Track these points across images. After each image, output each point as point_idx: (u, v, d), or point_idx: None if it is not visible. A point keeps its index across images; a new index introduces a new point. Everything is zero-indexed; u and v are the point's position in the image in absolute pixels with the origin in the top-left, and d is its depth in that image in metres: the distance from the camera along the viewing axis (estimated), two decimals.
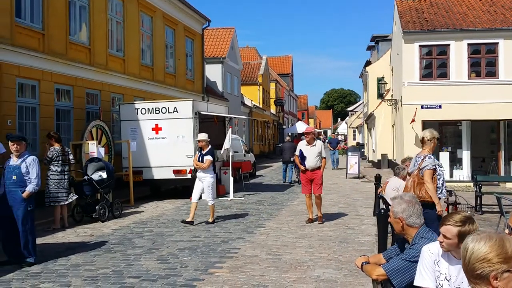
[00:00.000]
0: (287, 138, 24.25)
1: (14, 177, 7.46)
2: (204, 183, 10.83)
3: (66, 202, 10.70)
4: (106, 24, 17.15)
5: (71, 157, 11.06)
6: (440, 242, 3.19)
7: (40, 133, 13.34)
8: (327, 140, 27.65)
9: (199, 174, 10.88)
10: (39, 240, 9.10)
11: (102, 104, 16.53)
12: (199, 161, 10.87)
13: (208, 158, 10.78)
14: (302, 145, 10.81)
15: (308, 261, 7.34)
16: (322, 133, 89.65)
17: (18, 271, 7.09)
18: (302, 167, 10.70)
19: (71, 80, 14.95)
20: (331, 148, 28.35)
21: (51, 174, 10.51)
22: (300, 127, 44.24)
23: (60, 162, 10.56)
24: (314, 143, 10.66)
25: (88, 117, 15.41)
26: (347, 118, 67.12)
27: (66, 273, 6.91)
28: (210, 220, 10.88)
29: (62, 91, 14.78)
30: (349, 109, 68.18)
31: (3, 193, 7.54)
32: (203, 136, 11.22)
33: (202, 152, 10.94)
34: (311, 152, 10.59)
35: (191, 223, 10.61)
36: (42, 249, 8.40)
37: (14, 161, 7.58)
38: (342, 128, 71.62)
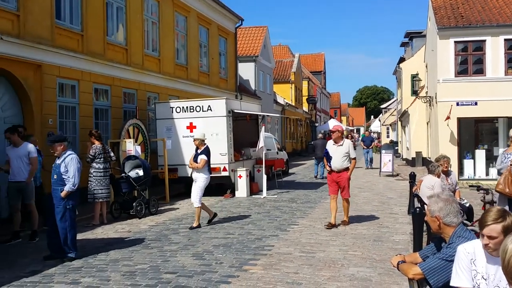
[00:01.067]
0: (320, 135, 24.34)
1: (55, 176, 7.75)
2: (196, 183, 10.38)
3: (107, 199, 11.01)
4: (142, 25, 17.49)
5: (111, 154, 11.36)
6: (486, 245, 3.12)
7: (79, 132, 13.76)
8: (360, 138, 26.66)
9: (194, 174, 10.53)
10: (79, 236, 9.42)
11: (139, 103, 16.88)
12: (194, 161, 10.42)
13: (203, 157, 10.28)
14: (329, 144, 10.31)
15: (342, 259, 7.36)
16: (355, 130, 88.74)
17: (60, 265, 7.34)
18: (328, 167, 10.23)
19: (109, 80, 15.34)
20: (365, 147, 26.73)
21: (94, 172, 10.82)
22: (333, 124, 43.95)
23: (102, 159, 10.87)
24: (341, 143, 10.03)
25: (125, 116, 15.79)
26: (380, 115, 66.32)
27: (106, 268, 7.12)
28: (195, 225, 10.24)
29: (100, 91, 15.18)
30: (382, 106, 67.35)
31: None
32: (198, 134, 10.86)
33: (198, 151, 10.45)
34: (338, 152, 10.01)
35: (213, 217, 10.78)
36: (83, 245, 8.69)
37: (57, 160, 7.88)
38: (375, 125, 70.70)
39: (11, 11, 11.64)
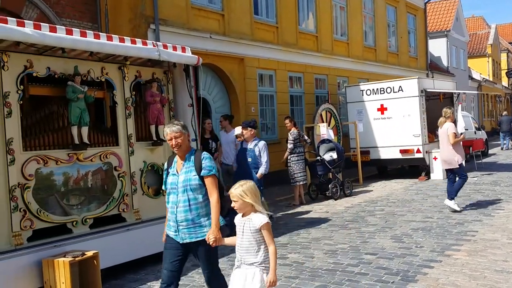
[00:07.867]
0: (504, 112, 22.98)
1: (249, 159, 8.56)
2: None
3: (305, 181, 11.65)
4: (331, 11, 17.88)
5: (306, 138, 11.95)
6: None
7: (277, 118, 14.80)
8: None
9: None
10: (282, 215, 10.26)
11: (329, 87, 17.42)
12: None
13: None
14: None
15: None
16: None
17: None
18: None
19: (302, 68, 16.12)
20: None
21: (291, 156, 11.55)
22: None
23: (298, 144, 11.53)
24: None
25: (317, 101, 16.45)
26: None
27: (309, 246, 7.57)
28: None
29: (294, 78, 16.06)
30: None
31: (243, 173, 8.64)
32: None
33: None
34: None
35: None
36: (286, 223, 9.42)
37: (248, 144, 8.72)
38: None
39: (217, 11, 13.02)
